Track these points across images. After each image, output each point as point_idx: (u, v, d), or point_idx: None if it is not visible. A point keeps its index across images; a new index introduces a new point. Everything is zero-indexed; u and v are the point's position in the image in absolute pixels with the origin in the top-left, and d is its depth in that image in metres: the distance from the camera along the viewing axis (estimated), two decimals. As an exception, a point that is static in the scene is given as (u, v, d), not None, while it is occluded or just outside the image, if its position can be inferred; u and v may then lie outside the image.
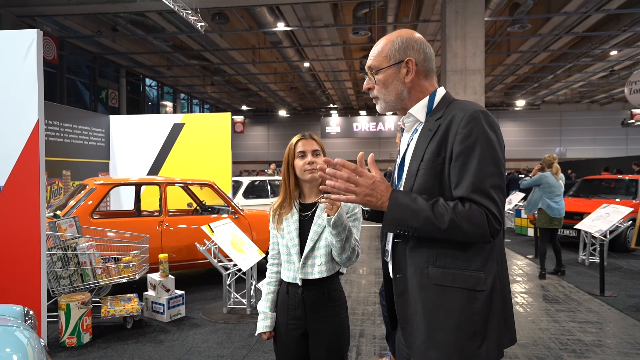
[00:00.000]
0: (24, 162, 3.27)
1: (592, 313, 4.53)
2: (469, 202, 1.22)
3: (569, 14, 12.29)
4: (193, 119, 8.15)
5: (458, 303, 1.25)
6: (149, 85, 22.16)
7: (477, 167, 1.22)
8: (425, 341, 1.28)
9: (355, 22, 12.89)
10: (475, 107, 1.28)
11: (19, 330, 2.00)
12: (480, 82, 9.57)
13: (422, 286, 1.30)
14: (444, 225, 1.20)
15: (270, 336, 1.91)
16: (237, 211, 5.76)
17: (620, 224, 5.89)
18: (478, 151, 1.22)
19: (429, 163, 1.29)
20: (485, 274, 1.27)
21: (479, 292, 1.26)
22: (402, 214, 1.23)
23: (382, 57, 1.40)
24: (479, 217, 1.19)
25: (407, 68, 1.37)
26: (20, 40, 3.29)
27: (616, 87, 22.56)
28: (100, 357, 3.47)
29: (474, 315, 1.25)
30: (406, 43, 1.38)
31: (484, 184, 1.21)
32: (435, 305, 1.27)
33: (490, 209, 1.20)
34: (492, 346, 1.26)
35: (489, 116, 1.27)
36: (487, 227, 1.20)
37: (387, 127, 26.41)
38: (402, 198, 1.24)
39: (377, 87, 1.42)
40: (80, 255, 3.99)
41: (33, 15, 12.10)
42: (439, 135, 1.29)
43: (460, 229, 1.20)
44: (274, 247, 1.95)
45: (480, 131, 1.24)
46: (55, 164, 6.77)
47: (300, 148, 1.84)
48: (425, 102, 1.39)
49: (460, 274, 1.26)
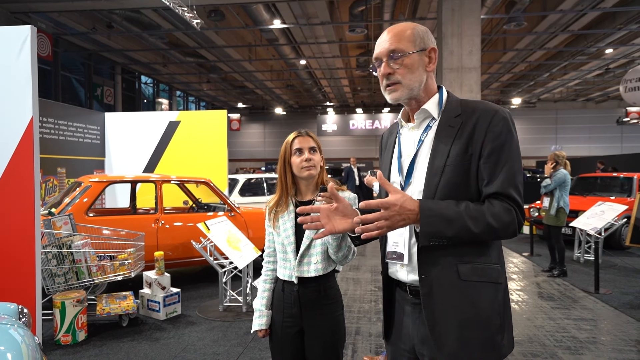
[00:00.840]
0: (19, 160, 3.25)
1: (587, 310, 4.55)
2: (502, 197, 1.26)
3: (564, 12, 12.32)
4: (189, 116, 8.12)
5: (486, 297, 1.29)
6: (144, 82, 22.04)
7: (509, 164, 1.27)
8: (457, 339, 1.28)
9: (352, 19, 12.86)
10: (498, 107, 1.32)
11: (13, 328, 1.99)
12: (477, 80, 9.58)
13: (451, 284, 1.29)
14: (479, 229, 1.23)
15: (265, 334, 1.91)
16: (233, 209, 5.75)
17: (615, 221, 5.92)
18: (509, 150, 1.28)
19: (457, 159, 1.29)
20: (501, 267, 1.34)
21: (499, 284, 1.32)
22: (437, 226, 1.23)
23: (407, 42, 1.34)
24: (510, 214, 1.24)
25: (429, 57, 1.37)
26: (14, 36, 3.26)
27: (611, 85, 22.65)
28: (96, 355, 3.46)
29: (498, 308, 1.30)
30: (427, 32, 1.38)
31: (515, 180, 1.27)
32: (467, 302, 1.28)
33: (520, 204, 1.27)
34: (510, 336, 1.33)
35: (512, 118, 1.33)
36: (516, 224, 1.26)
37: (383, 124, 26.39)
38: (434, 209, 1.23)
39: (402, 71, 1.35)
40: (75, 253, 3.98)
41: (27, 11, 12.00)
42: (467, 132, 1.30)
43: (494, 229, 1.24)
44: (269, 244, 1.94)
45: (508, 131, 1.29)
46: (50, 161, 6.73)
47: (297, 145, 1.84)
48: (437, 98, 1.39)
49: (487, 267, 1.31)
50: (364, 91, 25.12)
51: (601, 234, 5.65)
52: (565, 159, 6.08)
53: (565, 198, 5.89)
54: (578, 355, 3.44)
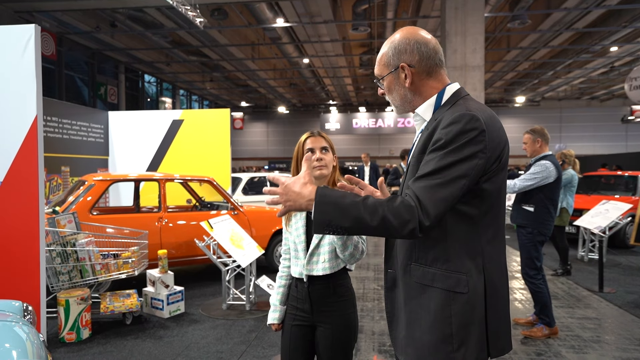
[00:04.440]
0: (23, 158, 3.26)
1: (591, 309, 4.54)
2: (410, 194, 1.18)
3: (569, 10, 12.26)
4: (192, 115, 8.13)
5: (435, 303, 1.24)
6: (148, 81, 22.09)
7: (436, 165, 1.19)
8: (404, 337, 1.31)
9: (355, 18, 12.84)
10: (470, 111, 1.23)
11: (18, 325, 2.00)
12: (480, 79, 9.55)
13: (405, 283, 1.32)
14: (375, 222, 1.15)
15: (278, 328, 1.98)
16: (237, 207, 5.76)
17: (620, 220, 5.88)
18: (444, 151, 1.19)
19: (415, 159, 1.30)
20: (467, 277, 1.23)
21: (458, 294, 1.23)
22: (330, 212, 1.17)
23: (382, 66, 1.42)
24: (410, 212, 1.14)
25: (404, 73, 1.37)
26: (18, 35, 3.27)
27: (616, 83, 22.55)
28: (100, 352, 3.48)
29: (450, 317, 1.23)
30: (399, 48, 1.37)
31: (433, 180, 1.18)
32: (415, 303, 1.28)
33: (426, 209, 1.15)
34: (471, 353, 1.23)
35: (476, 121, 1.21)
36: (417, 223, 1.14)
37: (386, 123, 26.41)
38: (329, 196, 1.20)
39: (386, 93, 1.45)
40: (79, 251, 3.99)
41: (31, 10, 12.05)
42: (428, 132, 1.28)
43: (391, 226, 1.14)
44: (285, 242, 2.00)
45: (457, 134, 1.19)
46: (54, 160, 6.76)
47: (309, 145, 1.90)
48: (433, 100, 1.37)
49: (440, 274, 1.25)
50: (367, 90, 25.09)
51: (605, 233, 5.62)
52: (574, 157, 6.01)
53: (570, 199, 5.84)
54: (582, 354, 3.42)
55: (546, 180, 3.69)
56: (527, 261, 3.78)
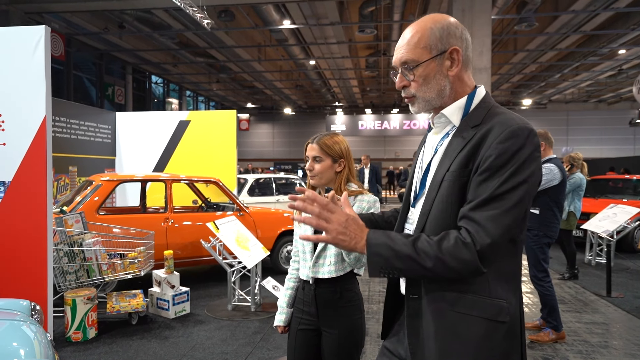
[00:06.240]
0: (32, 158, 3.29)
1: (599, 314, 4.50)
2: (466, 224, 1.07)
3: (576, 13, 12.18)
4: (199, 116, 8.17)
5: (476, 334, 1.11)
6: (155, 82, 22.21)
7: (496, 188, 1.06)
8: None
9: (362, 20, 12.85)
10: (521, 122, 1.11)
11: (25, 324, 2.02)
12: (487, 81, 9.52)
13: (437, 311, 1.15)
14: (429, 264, 1.06)
15: (284, 330, 1.97)
16: (242, 209, 5.77)
17: (628, 224, 5.82)
18: (506, 173, 1.06)
19: (455, 174, 1.13)
20: (507, 303, 1.12)
21: (499, 323, 1.11)
22: (385, 255, 1.09)
23: (421, 49, 1.19)
24: (468, 251, 1.05)
25: (450, 59, 1.19)
26: (29, 36, 3.30)
27: (624, 86, 22.35)
28: (106, 352, 3.49)
29: (493, 349, 1.11)
30: (447, 30, 1.19)
31: (496, 208, 1.06)
32: (451, 333, 1.13)
33: (485, 240, 1.04)
34: None
35: (534, 136, 1.10)
36: (478, 263, 1.04)
37: (392, 125, 26.32)
38: (380, 238, 1.11)
39: (416, 83, 1.21)
40: (86, 251, 4.01)
41: (41, 12, 12.16)
42: (472, 145, 1.12)
43: (448, 266, 1.05)
44: (296, 244, 2.00)
45: (518, 150, 1.07)
46: (62, 160, 6.80)
47: (306, 153, 1.90)
48: (463, 103, 1.21)
49: (481, 301, 1.11)
50: (373, 92, 25.06)
51: (613, 237, 5.57)
52: (582, 161, 5.95)
53: (578, 203, 5.79)
54: (589, 360, 3.40)
55: (551, 183, 3.71)
56: (535, 264, 3.77)
